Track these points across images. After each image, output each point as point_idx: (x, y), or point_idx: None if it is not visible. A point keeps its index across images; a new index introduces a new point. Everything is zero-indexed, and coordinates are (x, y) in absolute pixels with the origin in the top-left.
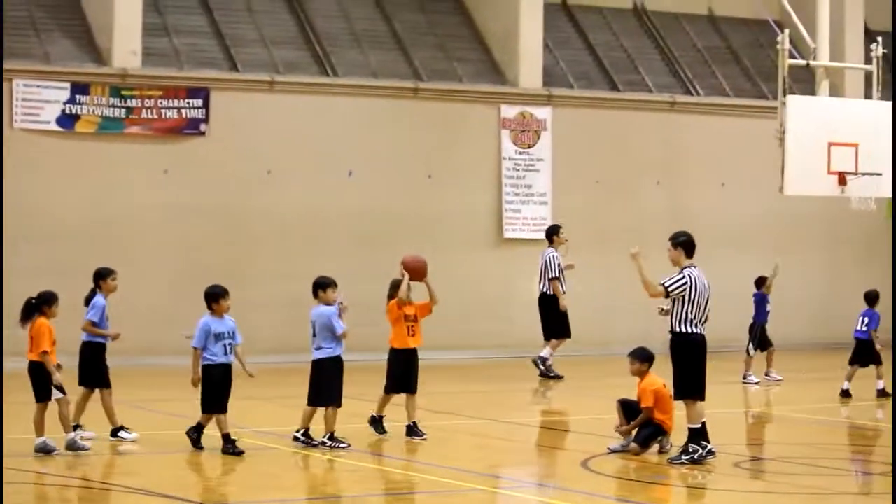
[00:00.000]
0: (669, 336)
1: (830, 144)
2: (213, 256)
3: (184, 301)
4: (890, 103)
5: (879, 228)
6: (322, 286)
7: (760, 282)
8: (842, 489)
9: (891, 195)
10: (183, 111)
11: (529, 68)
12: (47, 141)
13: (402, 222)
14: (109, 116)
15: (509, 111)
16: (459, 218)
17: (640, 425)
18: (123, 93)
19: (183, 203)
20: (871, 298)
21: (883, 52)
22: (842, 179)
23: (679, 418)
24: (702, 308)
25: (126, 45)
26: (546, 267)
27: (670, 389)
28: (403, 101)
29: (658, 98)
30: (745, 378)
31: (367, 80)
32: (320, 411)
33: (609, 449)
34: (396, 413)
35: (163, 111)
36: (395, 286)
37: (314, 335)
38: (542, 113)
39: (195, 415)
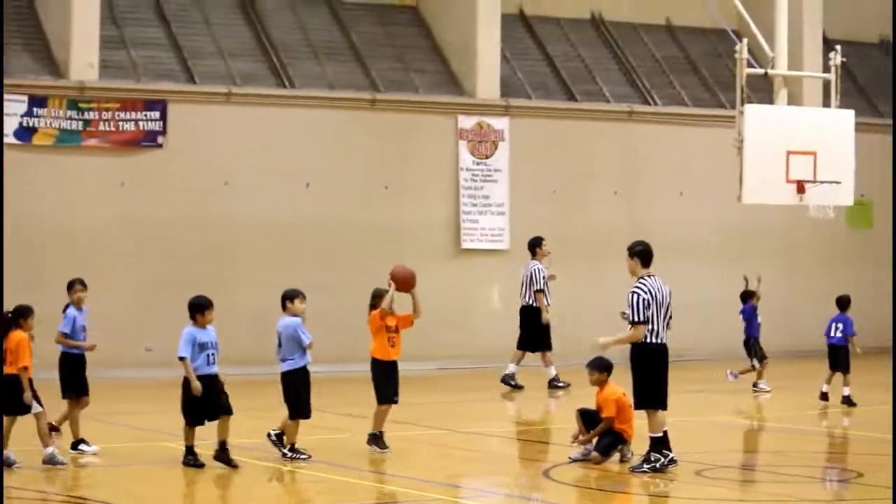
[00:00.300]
0: (630, 346)
1: (789, 153)
2: (172, 268)
3: (143, 313)
4: (850, 111)
5: (838, 236)
6: (290, 297)
7: (747, 296)
8: (805, 496)
9: (849, 203)
10: (140, 123)
11: (487, 79)
12: (5, 154)
13: (360, 234)
14: (67, 129)
15: (467, 122)
16: (417, 229)
17: (601, 434)
18: (81, 105)
19: (141, 215)
20: (843, 304)
21: (842, 61)
22: (800, 188)
23: (640, 427)
24: (661, 317)
25: (83, 58)
26: (531, 279)
27: (629, 398)
28: (360, 112)
29: (616, 108)
30: (755, 386)
31: (324, 91)
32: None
33: (570, 458)
34: (358, 425)
35: (120, 123)
36: (377, 295)
37: (280, 346)
38: (500, 123)
39: (160, 427)
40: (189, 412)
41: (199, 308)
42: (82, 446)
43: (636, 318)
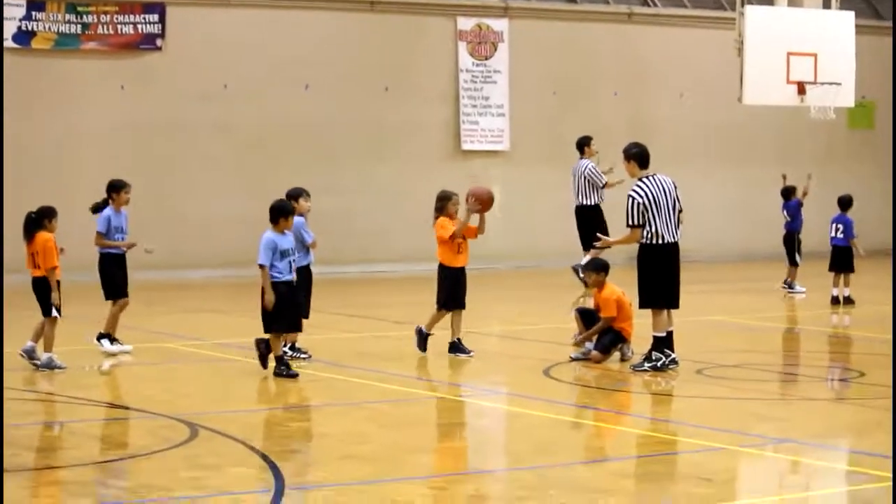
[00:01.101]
0: (637, 245)
1: (789, 54)
2: (172, 172)
3: (142, 216)
4: (850, 13)
5: (839, 137)
6: (294, 196)
7: (790, 192)
8: (805, 394)
9: (850, 104)
10: (139, 26)
11: None
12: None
13: (360, 135)
14: (65, 33)
15: (466, 23)
16: (417, 130)
17: (601, 333)
18: (79, 9)
19: (140, 118)
20: (844, 203)
21: None
22: (801, 89)
23: (642, 326)
24: (666, 216)
25: None
26: (585, 179)
27: (629, 298)
28: (360, 14)
29: (615, 9)
30: (791, 287)
31: None
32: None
33: (571, 357)
34: (357, 324)
35: (119, 27)
36: (443, 198)
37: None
38: (499, 25)
39: (160, 328)
40: (267, 319)
41: (284, 212)
42: (112, 344)
43: (630, 222)
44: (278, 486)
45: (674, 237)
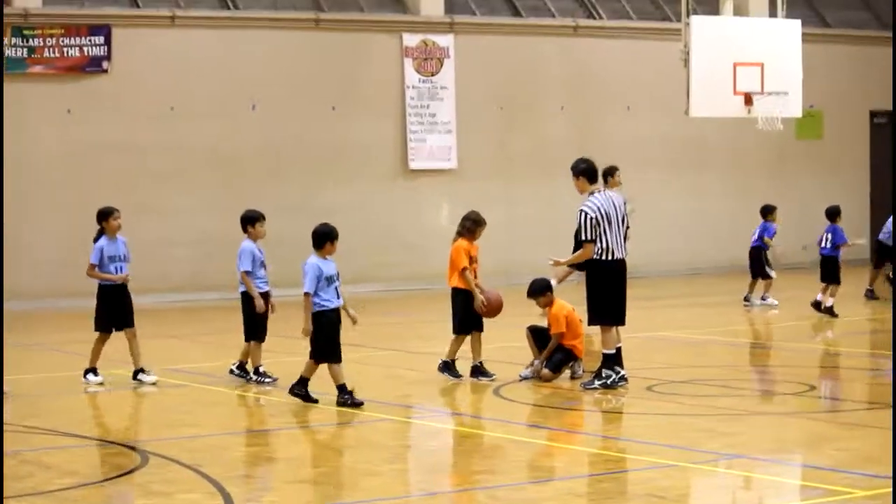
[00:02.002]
0: (586, 262)
1: (736, 65)
2: (119, 194)
3: (90, 239)
4: (796, 21)
5: (787, 148)
6: (251, 220)
7: (766, 210)
8: (756, 409)
9: (798, 114)
10: (85, 49)
11: None
12: None
13: (308, 154)
14: (12, 57)
15: (411, 39)
16: (365, 149)
17: (551, 351)
18: (25, 32)
19: (87, 141)
20: (832, 214)
21: None
22: (748, 100)
23: (593, 343)
24: (615, 232)
25: None
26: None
27: (579, 315)
28: (305, 32)
29: (561, 23)
30: (764, 300)
31: (268, 12)
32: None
33: (521, 376)
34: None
35: (65, 49)
36: (471, 219)
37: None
38: (445, 41)
39: (105, 354)
40: (317, 349)
41: (329, 237)
42: (142, 375)
43: (584, 237)
44: None
45: (622, 253)
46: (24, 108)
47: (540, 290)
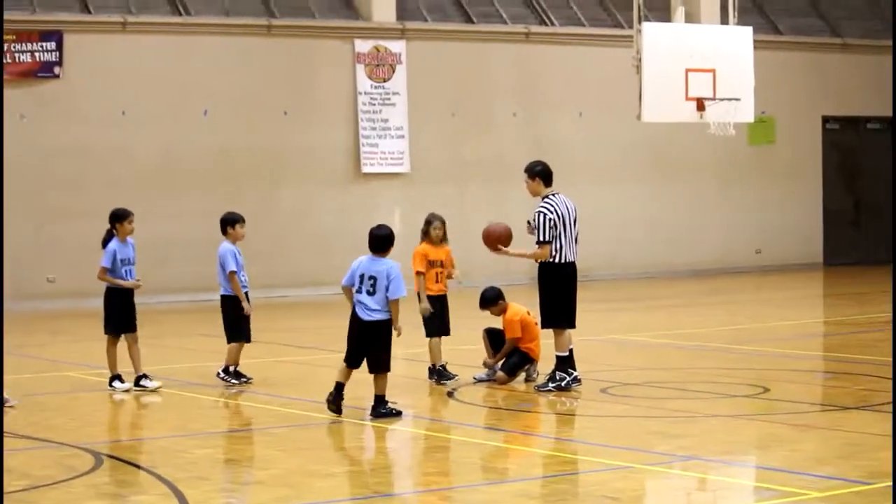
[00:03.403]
0: (537, 264)
1: (688, 71)
2: (71, 199)
3: (43, 244)
4: (748, 28)
5: (739, 153)
6: (230, 222)
7: None
8: (709, 411)
9: (750, 119)
10: (37, 55)
11: (383, 2)
12: None
13: (260, 160)
14: None
15: (363, 45)
16: (317, 154)
17: (507, 354)
18: None
19: (40, 146)
20: None
21: None
22: (700, 105)
23: (546, 346)
24: (568, 235)
25: None
26: None
27: (534, 317)
28: (257, 38)
29: (513, 29)
30: None
31: (220, 18)
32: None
33: (475, 379)
34: (258, 350)
35: (16, 55)
36: (426, 222)
37: (223, 271)
38: (397, 47)
39: (63, 357)
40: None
41: (389, 241)
42: (145, 381)
43: (541, 238)
44: None
45: (574, 256)
46: None
47: (492, 300)
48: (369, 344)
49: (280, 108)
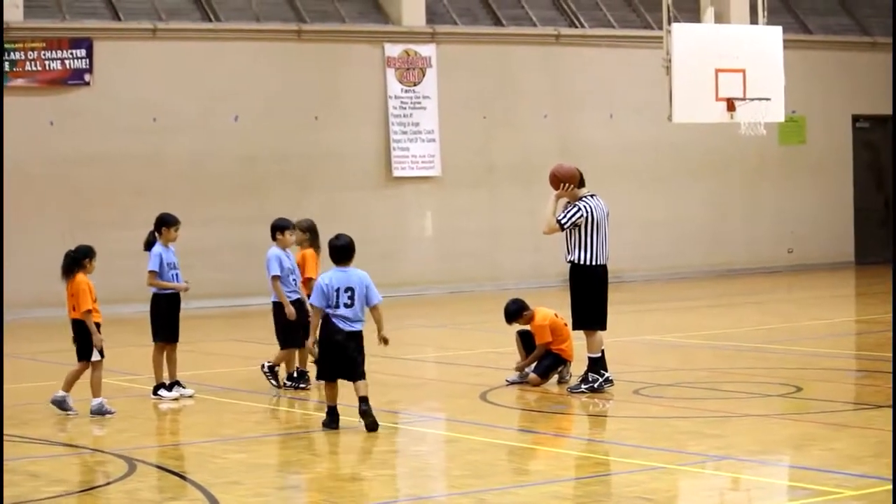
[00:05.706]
0: (569, 266)
1: (717, 71)
2: (102, 206)
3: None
4: (778, 28)
5: (770, 153)
6: (280, 228)
7: None
8: (742, 411)
9: (780, 119)
10: (66, 62)
11: (412, 6)
12: None
13: (291, 165)
14: None
15: (393, 50)
16: (348, 158)
17: (539, 357)
18: (7, 46)
19: (70, 154)
20: None
21: None
22: (730, 105)
23: (578, 348)
24: (602, 236)
25: None
26: None
27: (562, 318)
28: (287, 43)
29: (543, 32)
30: None
31: (249, 24)
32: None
33: (507, 381)
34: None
35: (46, 63)
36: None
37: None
38: (427, 50)
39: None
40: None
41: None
42: (177, 389)
43: (561, 219)
44: None
45: (605, 259)
46: (6, 121)
47: (517, 313)
48: (355, 353)
49: (311, 114)
